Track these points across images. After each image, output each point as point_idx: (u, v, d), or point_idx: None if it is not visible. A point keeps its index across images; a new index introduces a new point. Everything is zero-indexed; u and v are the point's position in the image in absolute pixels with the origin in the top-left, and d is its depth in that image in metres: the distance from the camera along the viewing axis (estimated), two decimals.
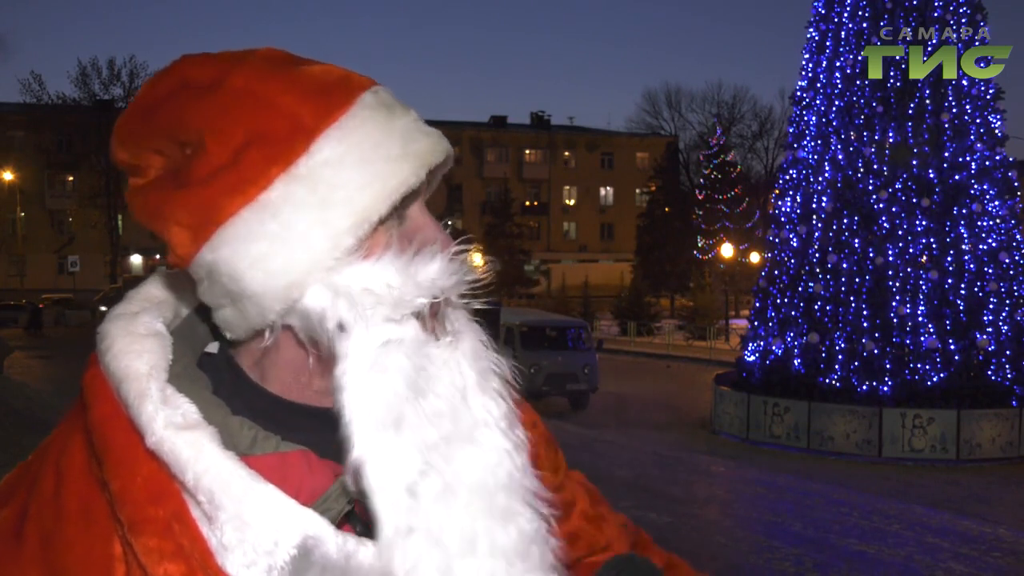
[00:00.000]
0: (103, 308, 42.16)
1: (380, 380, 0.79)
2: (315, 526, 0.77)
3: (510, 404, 0.88)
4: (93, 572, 0.78)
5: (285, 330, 0.83)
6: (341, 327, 0.79)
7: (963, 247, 13.37)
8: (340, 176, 0.80)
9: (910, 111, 13.56)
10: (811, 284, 13.79)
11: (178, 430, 0.77)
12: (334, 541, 0.77)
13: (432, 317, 0.83)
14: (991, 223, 13.58)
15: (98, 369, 0.83)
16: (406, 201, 0.84)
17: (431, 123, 0.87)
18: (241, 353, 0.88)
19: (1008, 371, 13.26)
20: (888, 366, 13.01)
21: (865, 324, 13.28)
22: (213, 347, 0.93)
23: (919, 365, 13.05)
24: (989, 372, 13.26)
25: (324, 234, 0.79)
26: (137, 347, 0.82)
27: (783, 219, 14.72)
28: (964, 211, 13.47)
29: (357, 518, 0.84)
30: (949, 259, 13.34)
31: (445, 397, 0.82)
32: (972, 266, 13.34)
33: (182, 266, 0.82)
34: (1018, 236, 13.89)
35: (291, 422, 0.86)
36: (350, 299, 0.79)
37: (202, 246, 0.80)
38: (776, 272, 14.56)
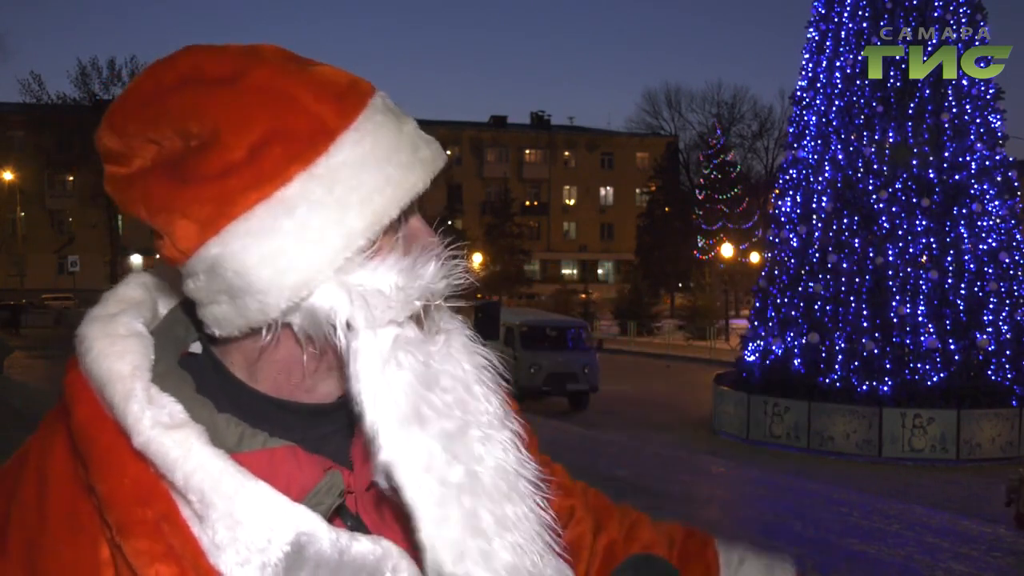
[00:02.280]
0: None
1: (396, 377, 0.80)
2: (308, 522, 0.77)
3: (503, 395, 0.91)
4: None
5: (283, 328, 0.82)
6: (349, 326, 0.80)
7: (963, 247, 13.38)
8: (357, 177, 0.80)
9: (910, 111, 13.57)
10: (811, 284, 13.80)
11: (165, 429, 0.76)
12: (327, 536, 0.77)
13: (425, 317, 0.85)
14: (991, 223, 13.59)
15: (78, 372, 0.82)
16: (411, 206, 0.86)
17: (431, 123, 0.89)
18: (227, 351, 0.88)
19: (1008, 371, 13.27)
20: (888, 366, 13.02)
21: (865, 324, 13.29)
22: (196, 347, 0.92)
23: (919, 365, 13.05)
24: (989, 372, 13.27)
25: (338, 234, 0.79)
26: (118, 348, 0.82)
27: (783, 219, 14.73)
28: (964, 211, 13.48)
29: (347, 512, 0.85)
30: (949, 259, 13.35)
31: (452, 391, 0.84)
32: (972, 266, 13.35)
33: (179, 260, 0.81)
34: (1018, 236, 13.89)
35: (278, 418, 0.86)
36: (362, 299, 0.80)
37: (208, 240, 0.79)
38: (776, 272, 14.57)
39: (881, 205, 13.48)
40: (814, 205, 14.17)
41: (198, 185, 0.78)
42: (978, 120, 13.71)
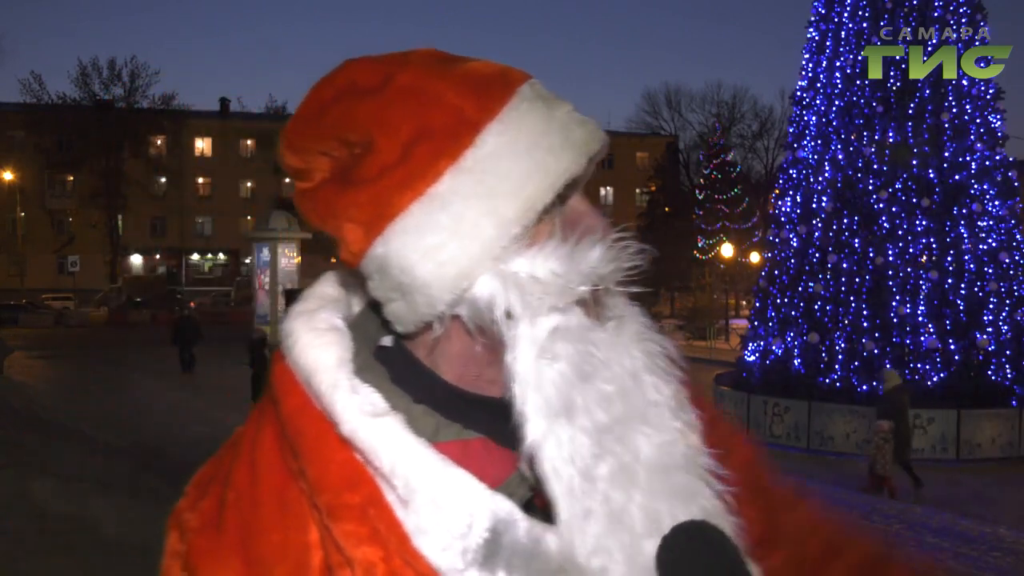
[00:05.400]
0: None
1: (549, 367, 0.80)
2: (506, 510, 0.79)
3: (678, 384, 0.89)
4: (290, 557, 0.81)
5: (454, 320, 0.84)
6: (509, 315, 0.81)
7: (963, 247, 13.38)
8: (506, 167, 0.81)
9: (910, 111, 13.57)
10: (811, 284, 13.80)
11: (370, 418, 0.80)
12: (523, 525, 0.78)
13: (594, 303, 0.85)
14: (991, 223, 13.59)
15: (285, 365, 0.86)
16: (567, 190, 0.86)
17: None
18: (414, 345, 0.90)
19: (1008, 371, 13.27)
20: (888, 366, 13.02)
21: (865, 324, 13.29)
22: (387, 341, 0.93)
23: (919, 365, 13.05)
24: (989, 372, 13.27)
25: (492, 224, 0.80)
26: (322, 341, 0.86)
27: (783, 219, 14.73)
28: (964, 211, 13.48)
29: (535, 507, 0.85)
30: (949, 259, 13.35)
31: (615, 380, 0.83)
32: (972, 266, 13.35)
33: (353, 263, 0.85)
34: (1018, 236, 13.90)
35: (467, 411, 0.87)
36: (518, 287, 0.81)
37: (374, 241, 0.82)
38: (776, 272, 14.58)
39: (881, 205, 13.48)
40: (814, 205, 14.17)
41: (358, 190, 0.82)
42: (978, 120, 13.71)
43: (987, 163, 13.69)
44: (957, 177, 13.56)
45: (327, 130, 0.84)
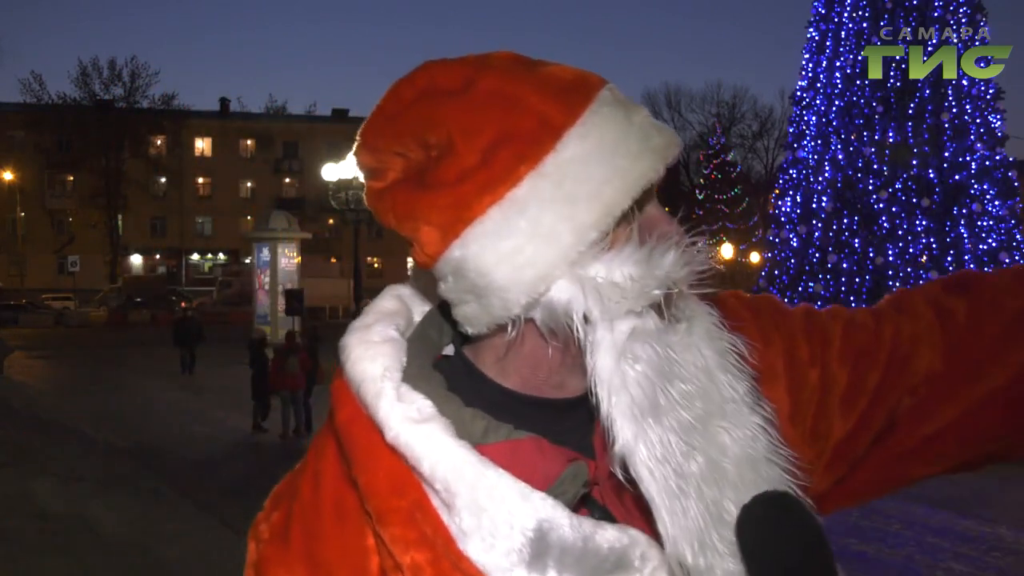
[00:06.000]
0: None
1: (631, 369, 0.81)
2: (547, 509, 0.79)
3: (752, 380, 0.91)
4: (350, 563, 0.85)
5: (527, 323, 0.85)
6: (586, 319, 0.81)
7: (963, 247, 13.39)
8: (585, 172, 0.82)
9: (910, 111, 13.58)
10: (811, 284, 13.81)
11: (413, 424, 0.82)
12: (568, 523, 0.79)
13: (668, 306, 0.85)
14: (991, 223, 13.60)
15: (342, 379, 0.89)
16: (644, 195, 0.86)
17: None
18: (480, 350, 0.91)
19: None
20: None
21: None
22: (449, 350, 0.96)
23: None
24: None
25: (570, 228, 0.81)
26: (371, 352, 0.87)
27: (783, 219, 14.74)
28: (964, 211, 13.49)
29: (595, 503, 0.87)
30: (949, 259, 13.36)
31: (692, 380, 0.85)
32: (972, 266, 13.35)
33: (428, 264, 0.86)
34: (1018, 236, 13.90)
35: (524, 413, 0.88)
36: (596, 291, 0.81)
37: (451, 243, 0.82)
38: (776, 272, 14.58)
39: (881, 205, 13.49)
40: (814, 205, 14.18)
41: (437, 192, 0.82)
42: (978, 120, 13.72)
43: (987, 163, 13.70)
44: (957, 177, 13.56)
45: (405, 130, 0.85)
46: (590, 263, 0.81)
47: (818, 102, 14.38)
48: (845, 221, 13.76)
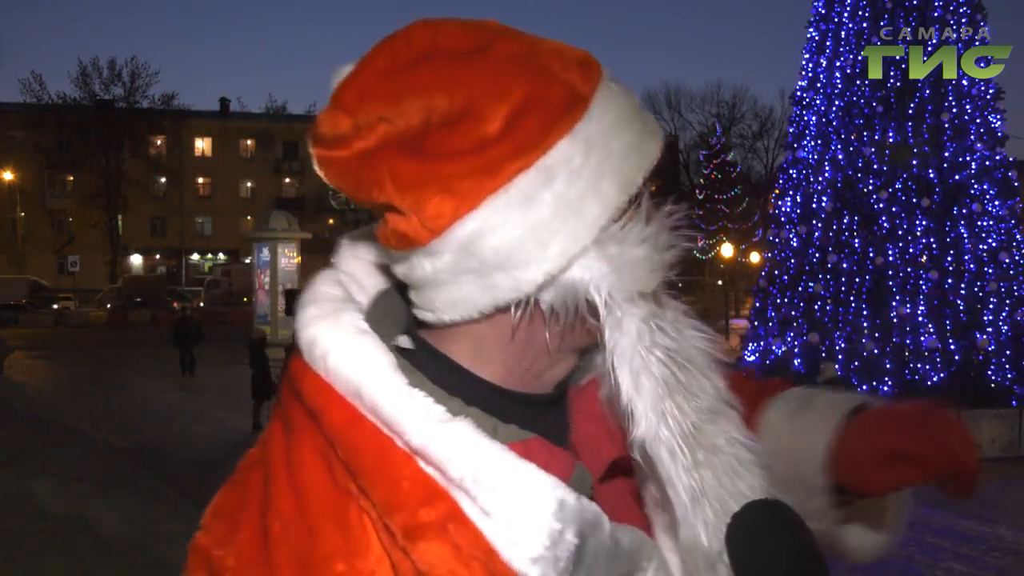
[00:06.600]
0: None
1: (650, 353, 0.79)
2: (592, 513, 0.74)
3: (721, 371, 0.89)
4: None
5: (525, 307, 0.79)
6: (608, 299, 0.77)
7: (963, 247, 13.38)
8: (608, 145, 0.78)
9: (910, 111, 13.56)
10: (811, 284, 13.80)
11: (441, 425, 0.73)
12: (607, 526, 0.75)
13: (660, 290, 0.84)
14: (991, 223, 13.59)
15: (317, 376, 0.77)
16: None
17: None
18: (449, 338, 0.83)
19: (1008, 371, 13.26)
20: (888, 366, 13.02)
21: (865, 324, 13.28)
22: (402, 341, 0.87)
23: (919, 365, 13.05)
24: (989, 372, 13.26)
25: (596, 202, 0.77)
26: (360, 346, 0.77)
27: (783, 219, 14.73)
28: (964, 211, 13.47)
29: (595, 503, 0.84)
30: (949, 259, 13.34)
31: (694, 370, 0.83)
32: (972, 266, 13.34)
33: (422, 240, 0.77)
34: (1018, 236, 13.88)
35: (510, 409, 0.82)
36: (624, 269, 0.77)
37: (465, 215, 0.75)
38: (776, 272, 14.57)
39: (881, 205, 13.48)
40: (814, 205, 14.17)
41: (455, 160, 0.75)
42: (978, 120, 13.70)
43: (987, 163, 13.68)
44: (957, 177, 13.55)
45: (406, 93, 0.76)
46: (609, 241, 0.78)
47: (818, 102, 14.37)
48: (845, 221, 13.75)
